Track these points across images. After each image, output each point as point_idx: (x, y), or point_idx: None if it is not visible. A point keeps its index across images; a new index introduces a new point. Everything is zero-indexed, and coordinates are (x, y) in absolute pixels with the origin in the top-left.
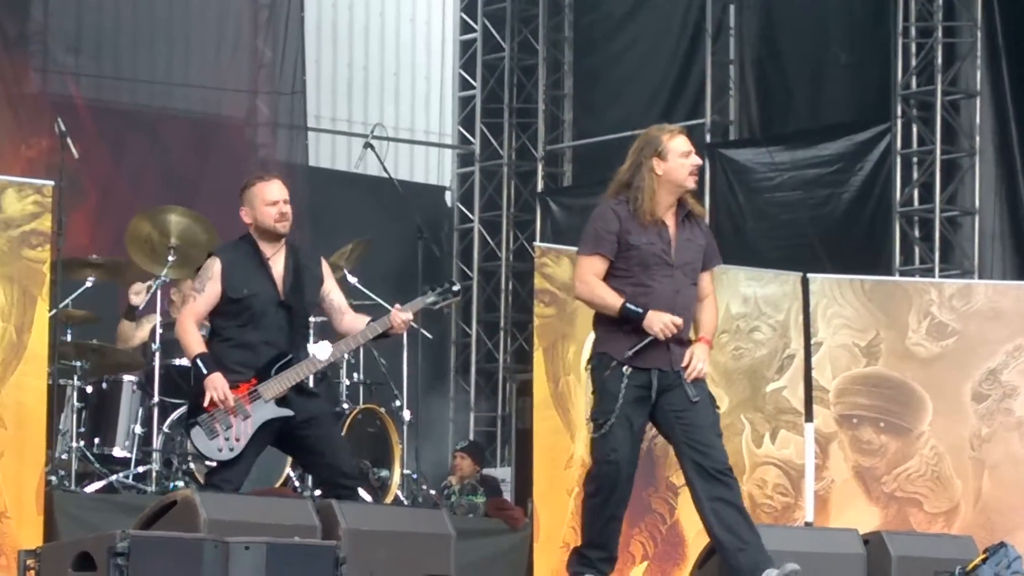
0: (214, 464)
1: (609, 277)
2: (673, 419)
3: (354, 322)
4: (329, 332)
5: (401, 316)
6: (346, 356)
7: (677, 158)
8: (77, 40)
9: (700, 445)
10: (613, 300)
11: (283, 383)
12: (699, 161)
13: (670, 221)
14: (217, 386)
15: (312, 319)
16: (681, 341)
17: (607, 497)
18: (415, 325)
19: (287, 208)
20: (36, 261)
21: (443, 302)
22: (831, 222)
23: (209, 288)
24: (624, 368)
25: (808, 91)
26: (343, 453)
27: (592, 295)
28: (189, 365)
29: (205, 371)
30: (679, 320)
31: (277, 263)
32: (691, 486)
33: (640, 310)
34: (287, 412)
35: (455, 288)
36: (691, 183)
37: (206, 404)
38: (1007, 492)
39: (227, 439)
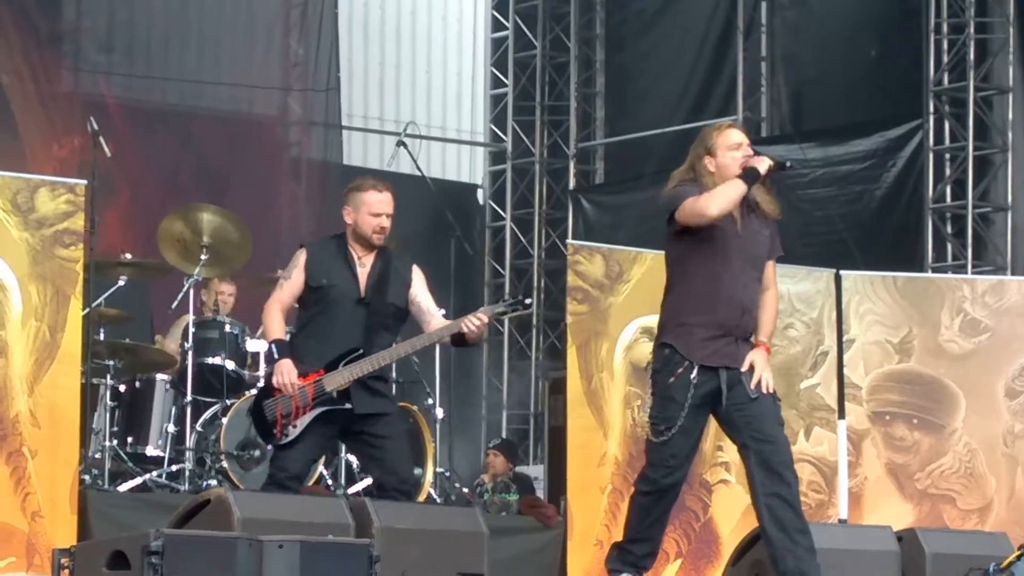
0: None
1: (678, 265)
2: (735, 415)
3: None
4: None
5: (473, 321)
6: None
7: (727, 152)
8: (109, 39)
9: (765, 436)
10: (733, 185)
11: (346, 376)
12: (751, 153)
13: (736, 213)
14: (284, 371)
15: None
16: (747, 338)
17: (659, 498)
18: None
19: (388, 223)
20: (69, 260)
21: (511, 312)
22: (864, 219)
23: (294, 276)
24: (692, 376)
25: (840, 87)
26: (400, 456)
27: (717, 192)
28: (221, 363)
29: (276, 356)
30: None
31: (365, 263)
32: (751, 479)
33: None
34: (346, 405)
35: (527, 301)
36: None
37: (273, 387)
38: None
39: (284, 424)
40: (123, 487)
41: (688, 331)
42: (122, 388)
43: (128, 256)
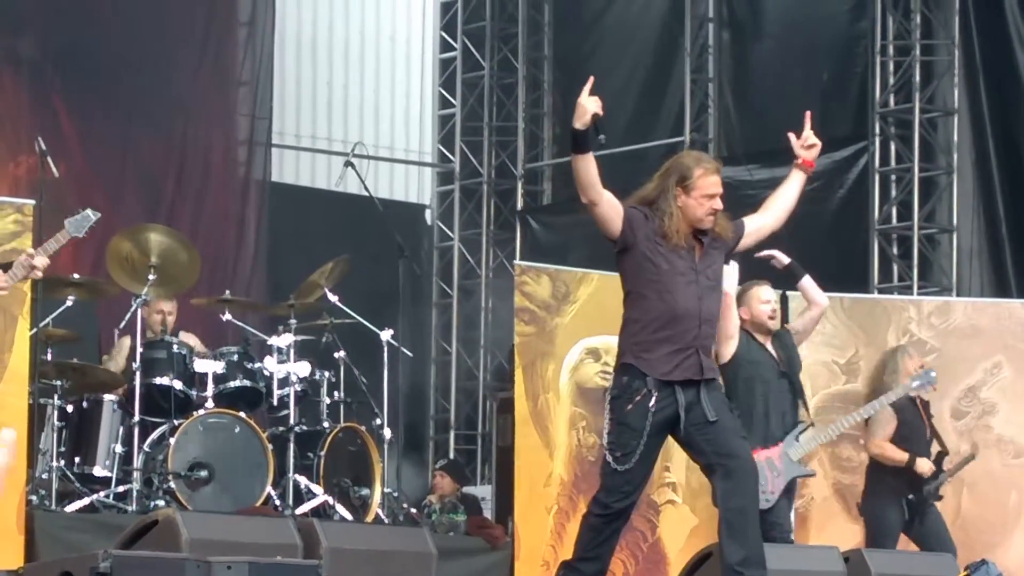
0: None
1: (630, 285)
2: (697, 436)
3: None
4: None
5: None
6: (327, 375)
7: (700, 197)
8: (62, 59)
9: (729, 451)
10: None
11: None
12: (720, 206)
13: (684, 229)
14: None
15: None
16: (708, 351)
17: (611, 520)
18: (395, 343)
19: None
20: None
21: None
22: (811, 239)
23: None
24: (650, 403)
25: (787, 109)
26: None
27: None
28: (169, 384)
29: None
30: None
31: None
32: (715, 492)
33: None
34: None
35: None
36: (706, 224)
37: None
38: (987, 509)
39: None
40: (70, 507)
41: (646, 349)
42: (69, 408)
43: (76, 276)
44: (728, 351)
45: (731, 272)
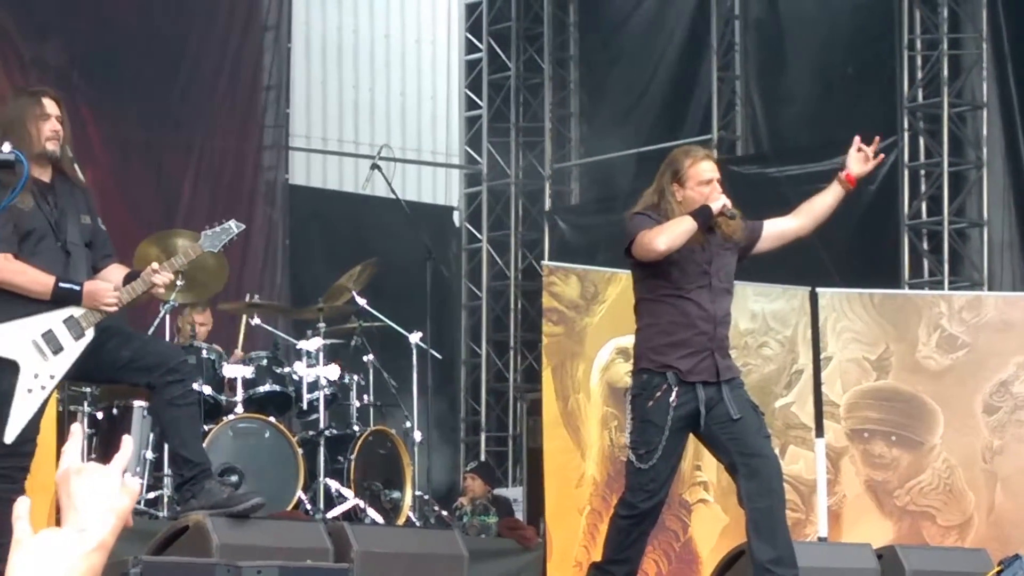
0: None
1: (644, 291)
2: (720, 434)
3: None
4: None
5: None
6: (356, 378)
7: (696, 186)
8: (89, 65)
9: (753, 451)
10: (685, 222)
11: None
12: (718, 189)
13: (700, 236)
14: None
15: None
16: (725, 352)
17: (639, 521)
18: (424, 345)
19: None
20: None
21: None
22: (840, 236)
23: None
24: (671, 399)
25: (815, 105)
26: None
27: (664, 229)
28: (199, 389)
29: None
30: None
31: None
32: (740, 492)
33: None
34: None
35: None
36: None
37: None
38: (1020, 504)
39: None
40: None
41: (662, 353)
42: (99, 415)
43: None
44: None
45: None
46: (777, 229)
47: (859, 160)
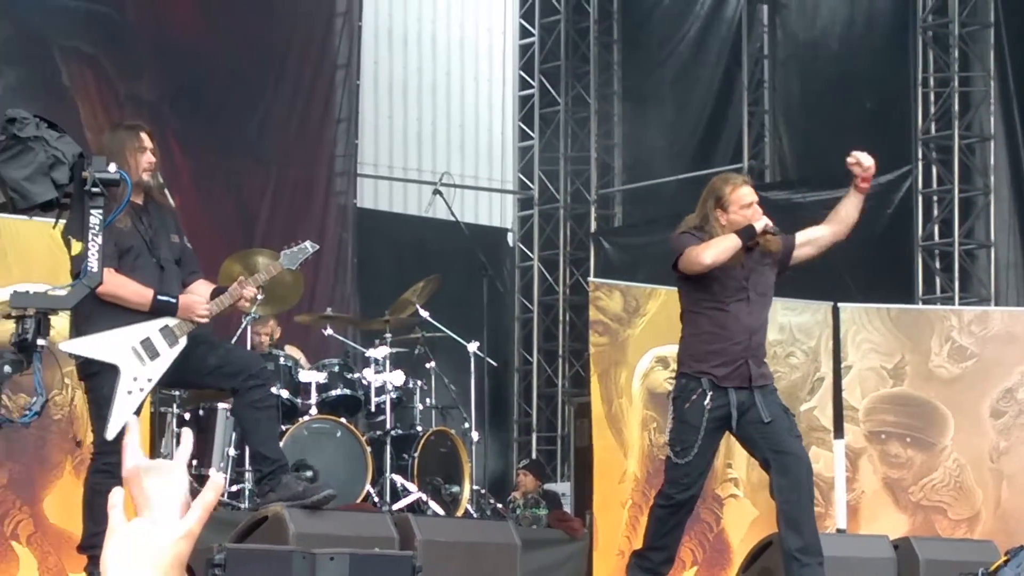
0: None
1: (688, 303)
2: (754, 433)
3: None
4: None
5: None
6: (419, 383)
7: (739, 210)
8: (176, 99)
9: (784, 449)
10: (730, 239)
11: None
12: (759, 211)
13: (740, 254)
14: None
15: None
16: (760, 360)
17: (675, 511)
18: (481, 354)
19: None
20: None
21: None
22: (860, 256)
23: None
24: (706, 402)
25: (837, 137)
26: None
27: (711, 244)
28: (277, 393)
29: None
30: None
31: None
32: (772, 486)
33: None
34: None
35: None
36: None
37: None
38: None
39: None
40: None
41: (700, 360)
42: (187, 416)
43: None
44: None
45: None
46: (808, 237)
47: (861, 172)
